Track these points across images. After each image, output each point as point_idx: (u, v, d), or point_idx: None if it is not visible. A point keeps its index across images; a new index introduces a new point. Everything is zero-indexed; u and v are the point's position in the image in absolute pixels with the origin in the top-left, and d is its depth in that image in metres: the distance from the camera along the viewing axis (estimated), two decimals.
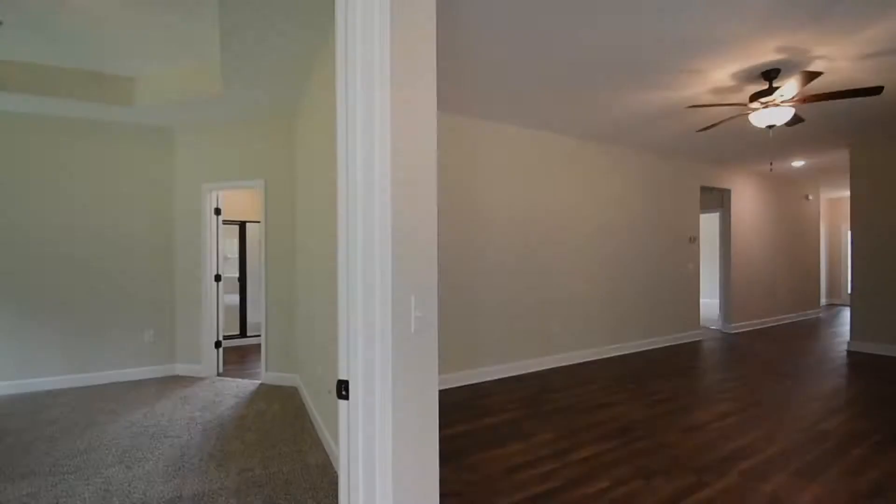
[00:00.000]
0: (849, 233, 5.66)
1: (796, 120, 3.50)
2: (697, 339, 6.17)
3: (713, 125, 3.76)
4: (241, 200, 6.08)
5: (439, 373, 3.92)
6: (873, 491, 2.27)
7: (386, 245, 1.12)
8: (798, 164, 6.46)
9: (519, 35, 2.72)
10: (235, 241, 6.10)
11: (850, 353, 5.44)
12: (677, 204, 6.00)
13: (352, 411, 1.15)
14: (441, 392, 3.86)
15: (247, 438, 2.95)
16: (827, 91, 3.31)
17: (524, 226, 4.54)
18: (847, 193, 6.52)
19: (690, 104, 3.80)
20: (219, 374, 4.55)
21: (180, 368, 4.54)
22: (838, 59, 3.09)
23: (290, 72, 3.20)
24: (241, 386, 4.16)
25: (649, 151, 5.64)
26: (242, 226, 6.13)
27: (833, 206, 10.22)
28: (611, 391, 3.87)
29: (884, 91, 3.43)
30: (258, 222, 4.94)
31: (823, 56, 3.06)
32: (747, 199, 6.98)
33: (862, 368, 4.71)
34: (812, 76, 2.91)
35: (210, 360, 4.50)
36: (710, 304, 10.10)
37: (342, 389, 1.16)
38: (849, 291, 5.69)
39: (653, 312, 5.68)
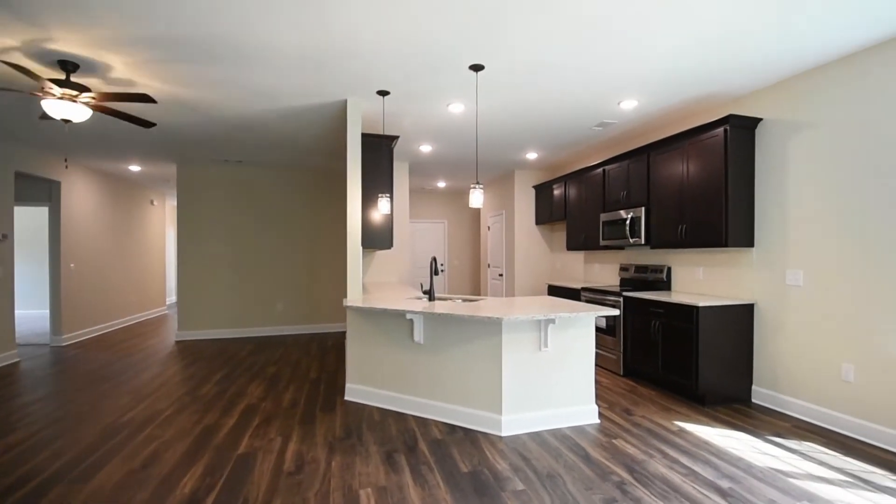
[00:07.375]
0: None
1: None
2: (12, 361, 5.00)
3: None
4: None
5: None
6: (147, 463, 2.57)
7: None
8: (135, 168, 6.72)
9: None
10: None
11: (178, 342, 6.26)
12: None
13: None
14: None
15: None
16: (117, 110, 3.40)
17: None
18: None
19: None
20: None
21: None
22: (142, 87, 3.37)
23: None
24: None
25: None
26: None
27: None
28: None
29: (162, 127, 4.12)
30: None
31: (131, 80, 3.24)
32: (84, 195, 6.48)
33: (184, 354, 5.51)
34: (136, 97, 2.98)
35: None
36: (37, 315, 8.66)
37: None
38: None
39: None
